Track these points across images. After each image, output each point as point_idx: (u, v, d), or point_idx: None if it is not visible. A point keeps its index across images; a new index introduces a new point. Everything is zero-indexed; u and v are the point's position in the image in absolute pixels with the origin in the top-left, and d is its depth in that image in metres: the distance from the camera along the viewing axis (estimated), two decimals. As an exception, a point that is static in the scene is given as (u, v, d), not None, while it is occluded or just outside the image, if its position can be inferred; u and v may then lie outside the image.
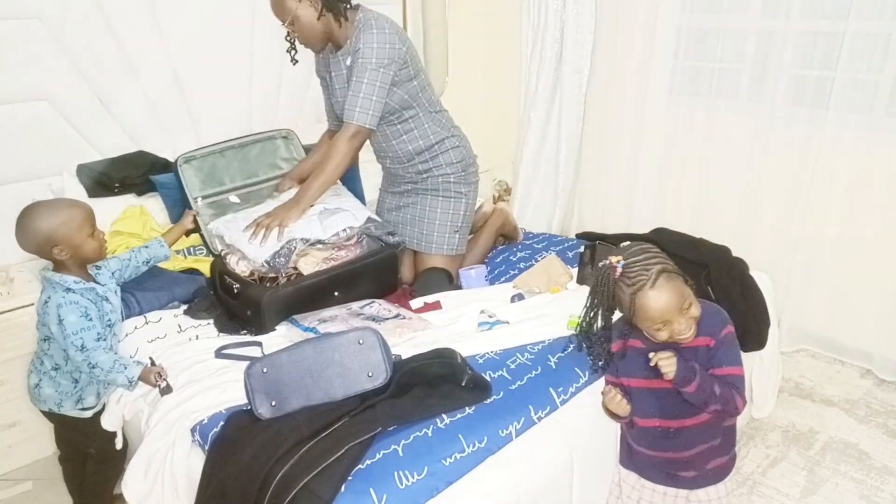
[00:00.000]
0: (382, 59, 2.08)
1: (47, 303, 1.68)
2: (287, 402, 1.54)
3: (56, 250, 1.66)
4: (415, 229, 2.43)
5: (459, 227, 2.40)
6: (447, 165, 2.37)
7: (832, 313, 2.74)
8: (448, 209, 2.39)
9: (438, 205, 2.39)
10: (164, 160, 2.61)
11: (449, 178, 2.38)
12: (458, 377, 1.60)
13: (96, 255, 1.75)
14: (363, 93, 2.08)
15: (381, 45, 2.07)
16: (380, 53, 2.07)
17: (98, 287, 1.77)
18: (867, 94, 2.45)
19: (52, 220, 1.65)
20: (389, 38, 2.09)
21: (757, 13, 2.66)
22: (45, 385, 1.78)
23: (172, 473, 1.57)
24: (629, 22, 3.01)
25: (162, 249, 2.08)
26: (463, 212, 2.41)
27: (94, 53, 2.44)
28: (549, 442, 1.53)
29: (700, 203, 3.00)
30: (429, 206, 2.40)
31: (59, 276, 1.68)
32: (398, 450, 1.43)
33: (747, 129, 2.79)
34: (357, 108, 2.08)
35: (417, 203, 2.42)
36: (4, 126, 2.32)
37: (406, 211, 2.46)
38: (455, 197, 2.40)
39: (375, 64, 2.07)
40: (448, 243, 2.39)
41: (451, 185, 2.39)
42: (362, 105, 2.08)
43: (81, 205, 1.74)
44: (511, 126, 3.56)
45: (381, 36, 2.08)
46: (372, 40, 2.07)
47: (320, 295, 2.08)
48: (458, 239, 2.41)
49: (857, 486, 2.10)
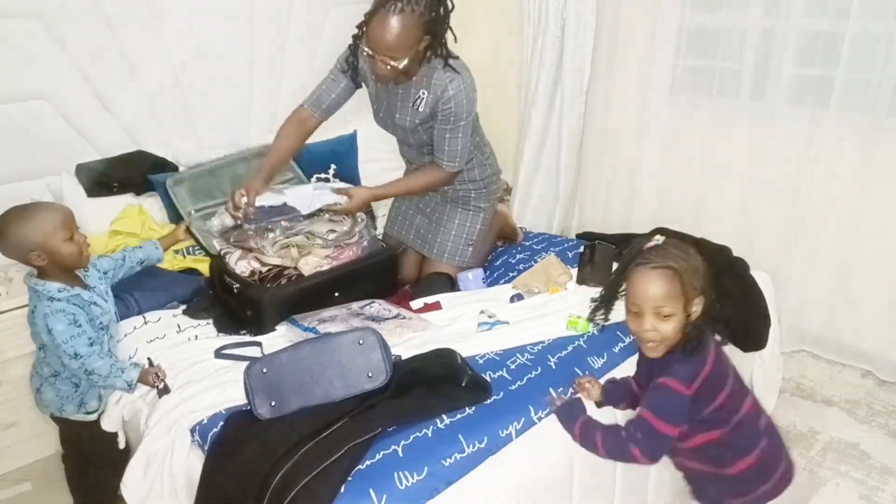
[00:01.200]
0: (472, 112, 2.15)
1: (34, 312, 1.65)
2: (287, 403, 1.53)
3: (33, 255, 1.62)
4: (429, 234, 2.44)
5: (474, 240, 2.41)
6: (471, 182, 2.37)
7: (833, 313, 2.74)
8: (465, 221, 2.40)
9: (457, 216, 2.40)
10: (163, 160, 2.61)
11: (470, 193, 2.39)
12: (458, 377, 1.60)
13: (75, 259, 1.69)
14: (460, 146, 2.17)
15: (469, 99, 2.11)
16: (469, 106, 2.12)
17: (84, 293, 1.72)
18: (869, 93, 2.45)
19: (26, 225, 1.60)
20: (474, 87, 2.13)
21: (758, 12, 2.65)
22: (45, 390, 1.78)
23: (172, 473, 1.57)
24: (630, 21, 3.00)
25: (156, 251, 2.08)
26: (480, 226, 2.42)
27: (93, 53, 2.44)
28: (549, 442, 1.52)
29: (700, 203, 2.99)
30: (447, 216, 2.41)
31: (42, 285, 1.65)
32: (398, 450, 1.42)
33: (748, 128, 2.78)
34: (457, 159, 2.19)
35: (436, 210, 2.44)
36: (3, 126, 2.32)
37: (424, 215, 2.47)
38: (474, 211, 2.41)
39: (466, 117, 2.13)
40: (460, 255, 2.40)
41: (471, 199, 2.40)
42: (460, 155, 2.19)
43: (57, 208, 1.70)
44: (511, 126, 3.55)
45: (469, 86, 2.10)
46: (464, 92, 2.09)
47: (320, 295, 2.08)
48: (471, 252, 2.42)
49: (858, 486, 2.10)
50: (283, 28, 2.92)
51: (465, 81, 2.08)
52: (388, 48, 1.91)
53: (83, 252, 1.71)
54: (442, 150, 2.17)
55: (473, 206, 2.41)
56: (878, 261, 2.57)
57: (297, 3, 2.91)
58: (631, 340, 1.85)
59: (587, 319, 1.67)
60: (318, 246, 2.12)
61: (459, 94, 2.07)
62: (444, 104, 2.09)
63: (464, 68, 2.11)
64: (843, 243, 2.64)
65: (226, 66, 2.80)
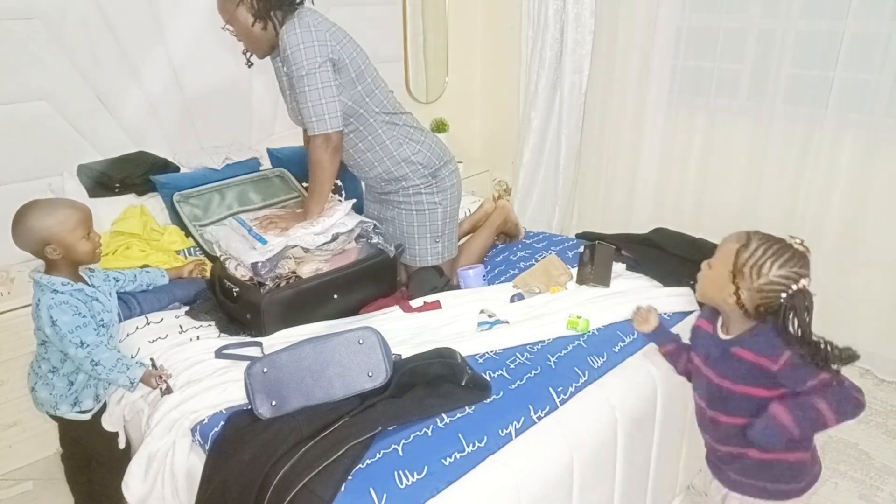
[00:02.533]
0: (314, 60, 1.95)
1: (38, 305, 1.68)
2: (287, 402, 1.54)
3: (49, 249, 1.65)
4: (401, 242, 2.38)
5: (440, 234, 2.34)
6: (413, 175, 2.25)
7: (831, 313, 2.74)
8: (424, 222, 2.32)
9: (414, 219, 2.31)
10: (163, 160, 2.61)
11: (419, 189, 2.28)
12: (458, 377, 1.60)
13: (89, 257, 1.73)
14: (310, 101, 1.98)
15: (306, 44, 1.94)
16: (308, 54, 1.94)
17: (87, 288, 1.75)
18: (867, 93, 2.45)
19: (49, 219, 1.65)
20: (316, 36, 1.96)
21: (757, 13, 2.66)
22: (39, 388, 1.78)
23: (172, 473, 1.57)
24: (629, 22, 3.01)
25: (162, 278, 2.14)
26: (441, 221, 2.33)
27: (94, 53, 2.45)
28: (549, 442, 1.53)
29: (700, 203, 3.00)
30: (405, 221, 2.33)
31: (46, 279, 1.68)
32: (398, 449, 1.43)
33: (747, 128, 2.79)
34: (313, 119, 2.00)
35: (395, 218, 2.37)
36: (4, 126, 2.32)
37: (387, 224, 2.40)
38: (429, 209, 2.30)
39: (308, 67, 1.95)
40: (431, 253, 2.34)
41: (422, 197, 2.29)
42: (315, 113, 1.99)
43: (80, 206, 1.74)
44: (511, 126, 3.56)
45: (304, 35, 1.94)
46: (296, 42, 1.94)
47: (319, 298, 2.08)
48: (443, 246, 2.35)
49: (857, 485, 2.10)
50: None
51: (296, 29, 1.93)
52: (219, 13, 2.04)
53: (97, 251, 1.75)
54: (305, 115, 2.00)
55: (428, 204, 2.29)
56: (877, 260, 2.58)
57: (297, 4, 2.92)
58: (631, 340, 1.86)
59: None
60: (315, 257, 2.13)
61: (293, 42, 1.93)
62: (285, 58, 1.98)
63: (302, 23, 1.95)
64: (842, 243, 2.64)
65: (226, 67, 2.80)
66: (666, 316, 1.97)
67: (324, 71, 1.97)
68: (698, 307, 2.02)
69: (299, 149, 2.82)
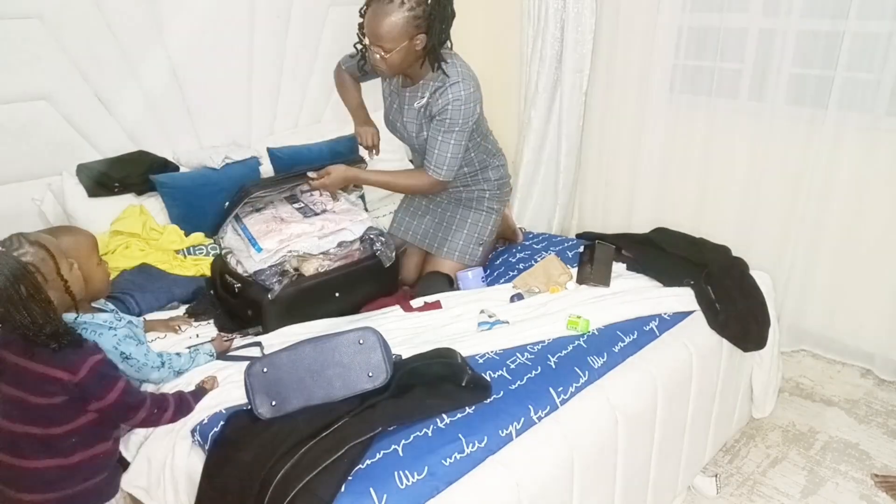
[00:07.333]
0: (468, 120, 2.11)
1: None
2: (287, 402, 1.54)
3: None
4: (438, 234, 2.47)
5: (484, 240, 2.44)
6: (485, 182, 2.40)
7: (832, 313, 2.74)
8: (478, 221, 2.43)
9: (470, 216, 2.43)
10: (163, 159, 2.61)
11: (485, 194, 2.42)
12: (458, 377, 1.60)
13: (104, 285, 1.66)
14: (450, 153, 2.13)
15: (467, 105, 2.08)
16: (466, 114, 2.09)
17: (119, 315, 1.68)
18: (868, 93, 2.45)
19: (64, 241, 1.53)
20: (475, 97, 2.10)
21: (757, 12, 2.65)
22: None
23: (172, 473, 1.57)
24: (629, 21, 3.01)
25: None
26: (490, 226, 2.45)
27: (94, 53, 2.44)
28: (549, 442, 1.53)
29: (700, 203, 3.00)
30: (459, 215, 2.44)
31: (88, 317, 1.58)
32: (398, 450, 1.43)
33: (748, 128, 2.79)
34: (444, 167, 2.15)
35: (448, 211, 2.46)
36: (4, 126, 2.31)
37: (434, 216, 2.49)
38: (487, 211, 2.43)
39: (462, 125, 2.10)
40: (470, 254, 2.42)
41: (485, 201, 2.43)
42: (449, 164, 2.14)
43: (87, 233, 1.67)
44: (511, 126, 3.55)
45: (469, 95, 2.08)
46: (462, 100, 2.07)
47: (321, 296, 2.08)
48: (480, 252, 2.44)
49: (858, 485, 2.10)
50: (283, 28, 2.92)
51: (467, 89, 2.08)
52: (377, 37, 1.97)
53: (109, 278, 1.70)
54: (431, 154, 2.15)
55: (487, 208, 2.44)
56: (878, 260, 2.58)
57: (296, 3, 2.92)
58: (631, 340, 1.85)
59: None
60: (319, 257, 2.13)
61: (458, 101, 2.07)
62: (441, 109, 2.09)
63: (468, 77, 2.11)
64: (842, 243, 2.64)
65: (226, 66, 2.80)
66: (666, 316, 1.97)
67: (468, 131, 2.14)
68: (698, 307, 2.02)
69: (300, 148, 2.82)
